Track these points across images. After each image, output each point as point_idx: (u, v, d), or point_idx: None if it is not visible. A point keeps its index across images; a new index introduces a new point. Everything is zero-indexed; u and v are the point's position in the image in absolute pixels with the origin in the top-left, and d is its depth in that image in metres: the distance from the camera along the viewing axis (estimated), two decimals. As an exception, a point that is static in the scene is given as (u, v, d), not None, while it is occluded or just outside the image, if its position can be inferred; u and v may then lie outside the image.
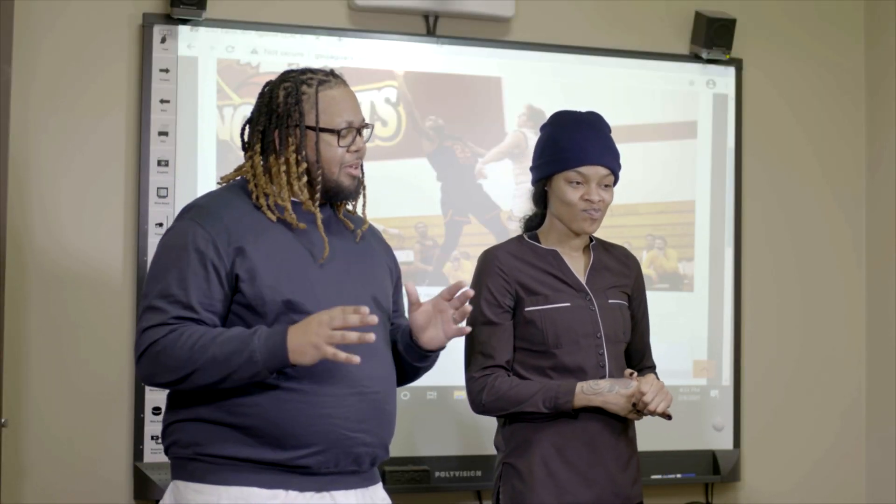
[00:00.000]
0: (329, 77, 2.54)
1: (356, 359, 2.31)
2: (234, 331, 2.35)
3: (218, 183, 2.60)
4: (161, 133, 3.86)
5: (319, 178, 2.48)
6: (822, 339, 4.60)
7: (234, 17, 3.95)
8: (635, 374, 2.85)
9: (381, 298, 2.56)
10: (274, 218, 2.45)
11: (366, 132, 2.55)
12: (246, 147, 2.55)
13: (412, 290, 2.52)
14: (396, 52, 4.11)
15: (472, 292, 2.53)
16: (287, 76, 2.54)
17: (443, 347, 2.58)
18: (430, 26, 4.17)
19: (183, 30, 3.87)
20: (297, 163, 2.45)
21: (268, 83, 2.56)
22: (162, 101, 3.86)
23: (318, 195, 2.48)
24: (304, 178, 2.46)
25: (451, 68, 4.16)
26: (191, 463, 2.41)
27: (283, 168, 2.45)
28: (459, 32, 4.19)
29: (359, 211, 2.62)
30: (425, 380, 4.10)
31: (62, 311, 3.80)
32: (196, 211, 2.46)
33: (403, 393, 4.02)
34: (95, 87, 3.86)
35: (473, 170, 4.19)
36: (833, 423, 4.60)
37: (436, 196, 4.15)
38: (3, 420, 3.33)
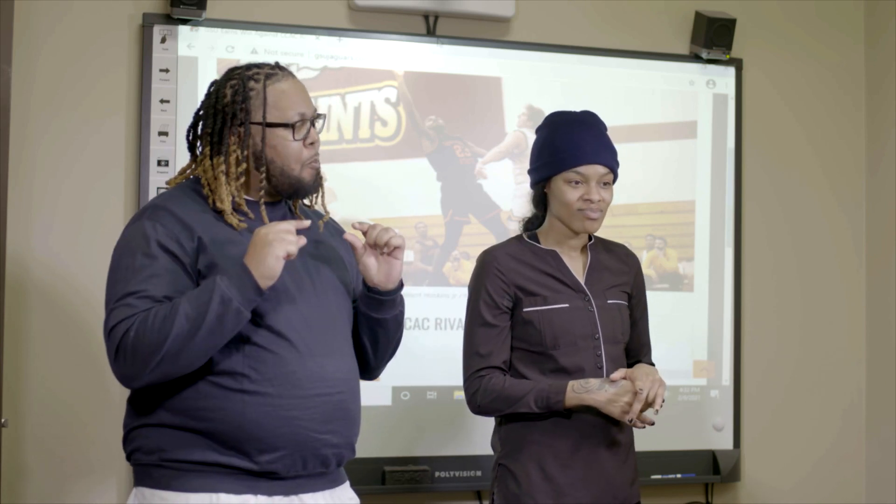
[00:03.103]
0: (276, 70, 2.43)
1: (306, 223, 2.30)
2: (194, 289, 2.29)
3: (159, 188, 2.56)
4: (161, 133, 3.86)
5: (275, 176, 2.40)
6: (822, 339, 4.60)
7: (234, 17, 3.95)
8: (618, 374, 2.82)
9: (341, 294, 2.52)
10: (236, 224, 2.38)
11: (318, 123, 2.46)
12: (192, 148, 2.48)
13: (354, 240, 2.44)
14: (396, 52, 4.11)
15: (367, 223, 2.47)
16: (232, 73, 2.44)
17: (395, 286, 2.52)
18: (430, 26, 4.17)
19: (183, 30, 3.87)
20: (238, 162, 2.39)
21: (214, 82, 2.47)
22: (162, 101, 3.86)
23: (262, 192, 2.41)
24: (242, 179, 2.40)
25: (451, 68, 4.16)
26: (156, 470, 2.35)
27: (222, 168, 2.38)
28: (459, 32, 4.19)
29: (318, 206, 2.56)
30: (425, 380, 4.12)
31: (62, 310, 3.80)
32: (151, 211, 2.39)
33: (403, 393, 4.02)
34: (95, 88, 3.86)
35: (473, 170, 4.19)
36: (833, 423, 4.60)
37: (436, 196, 4.15)
38: (3, 420, 3.33)
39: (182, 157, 3.86)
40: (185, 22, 3.87)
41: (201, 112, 2.47)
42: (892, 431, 4.48)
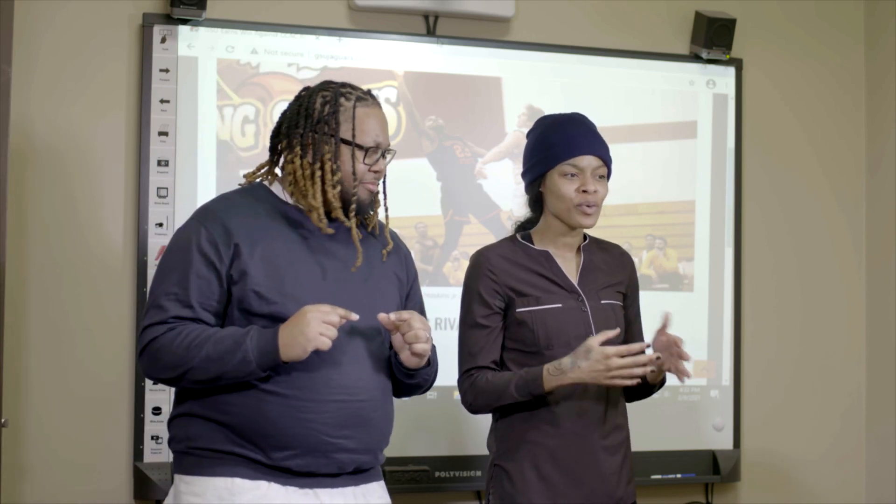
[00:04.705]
0: (367, 96, 2.59)
1: (354, 316, 2.39)
2: (229, 330, 2.43)
3: (240, 184, 2.67)
4: (161, 133, 3.86)
5: (352, 190, 2.53)
6: (822, 339, 4.60)
7: (234, 17, 3.95)
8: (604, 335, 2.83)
9: (380, 307, 2.55)
10: (324, 227, 2.50)
11: (388, 155, 2.60)
12: (277, 148, 2.60)
13: (385, 319, 2.50)
14: (396, 52, 4.11)
15: (407, 314, 2.52)
16: (327, 86, 2.60)
17: (421, 365, 2.59)
18: (430, 26, 4.17)
19: (183, 30, 3.87)
20: (333, 172, 2.51)
21: (306, 88, 2.62)
22: (162, 101, 3.86)
23: (353, 206, 2.53)
24: (339, 188, 2.51)
25: (451, 68, 4.16)
26: (185, 457, 2.51)
27: (319, 174, 2.51)
28: (459, 32, 4.19)
29: (381, 219, 2.68)
30: (425, 380, 4.11)
31: (62, 311, 3.80)
32: (203, 213, 2.55)
33: (403, 393, 4.02)
34: (95, 87, 3.86)
35: (473, 170, 4.19)
36: (833, 423, 4.60)
37: (436, 196, 4.15)
38: (3, 420, 3.33)
39: (182, 157, 3.86)
40: (185, 22, 3.87)
41: (289, 113, 2.58)
42: (892, 431, 4.48)
